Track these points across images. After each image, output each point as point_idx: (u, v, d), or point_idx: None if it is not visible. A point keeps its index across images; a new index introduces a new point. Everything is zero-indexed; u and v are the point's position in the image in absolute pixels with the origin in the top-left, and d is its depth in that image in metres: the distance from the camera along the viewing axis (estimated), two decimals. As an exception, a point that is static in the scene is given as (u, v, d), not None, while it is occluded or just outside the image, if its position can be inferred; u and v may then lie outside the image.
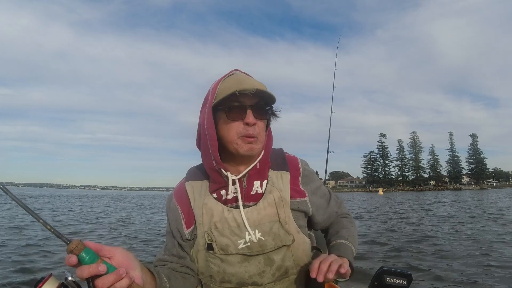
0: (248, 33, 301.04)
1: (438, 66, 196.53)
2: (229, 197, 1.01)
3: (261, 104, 0.98)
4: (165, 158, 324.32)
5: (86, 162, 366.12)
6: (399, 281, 0.90)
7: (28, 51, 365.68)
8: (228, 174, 0.99)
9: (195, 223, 1.01)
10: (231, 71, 1.04)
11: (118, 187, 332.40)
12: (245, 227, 0.97)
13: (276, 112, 1.05)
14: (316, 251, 1.15)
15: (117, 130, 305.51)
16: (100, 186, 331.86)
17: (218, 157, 0.97)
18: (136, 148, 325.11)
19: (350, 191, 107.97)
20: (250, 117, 0.95)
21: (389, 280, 0.90)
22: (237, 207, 0.99)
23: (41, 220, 0.67)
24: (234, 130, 0.95)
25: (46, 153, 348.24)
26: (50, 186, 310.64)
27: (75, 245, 0.66)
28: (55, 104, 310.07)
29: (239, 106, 0.95)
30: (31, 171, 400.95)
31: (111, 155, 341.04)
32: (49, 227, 0.68)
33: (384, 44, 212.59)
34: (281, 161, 1.09)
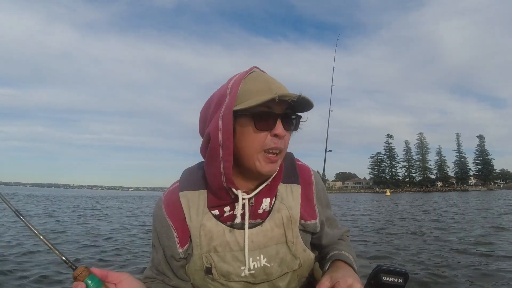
0: (251, 33, 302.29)
1: (443, 66, 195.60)
2: (234, 215, 0.87)
3: (289, 113, 0.84)
4: (170, 158, 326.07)
5: (93, 162, 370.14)
6: (395, 280, 0.88)
7: (32, 52, 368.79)
8: (239, 193, 0.84)
9: (190, 241, 0.89)
10: (251, 69, 0.88)
11: (125, 188, 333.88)
12: (245, 255, 0.86)
13: (301, 124, 0.88)
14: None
15: (122, 130, 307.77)
16: (107, 186, 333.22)
17: (231, 174, 0.80)
18: (141, 148, 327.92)
19: (357, 192, 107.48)
20: (279, 128, 0.80)
21: (385, 278, 0.88)
22: (241, 227, 0.88)
23: (50, 245, 0.68)
24: (258, 142, 0.80)
25: (51, 153, 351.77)
26: (57, 186, 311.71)
27: (80, 272, 0.68)
28: (59, 104, 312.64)
29: (269, 114, 0.79)
30: (38, 171, 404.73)
31: (117, 155, 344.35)
32: (57, 252, 0.69)
33: (388, 44, 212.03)
34: (291, 170, 0.95)
